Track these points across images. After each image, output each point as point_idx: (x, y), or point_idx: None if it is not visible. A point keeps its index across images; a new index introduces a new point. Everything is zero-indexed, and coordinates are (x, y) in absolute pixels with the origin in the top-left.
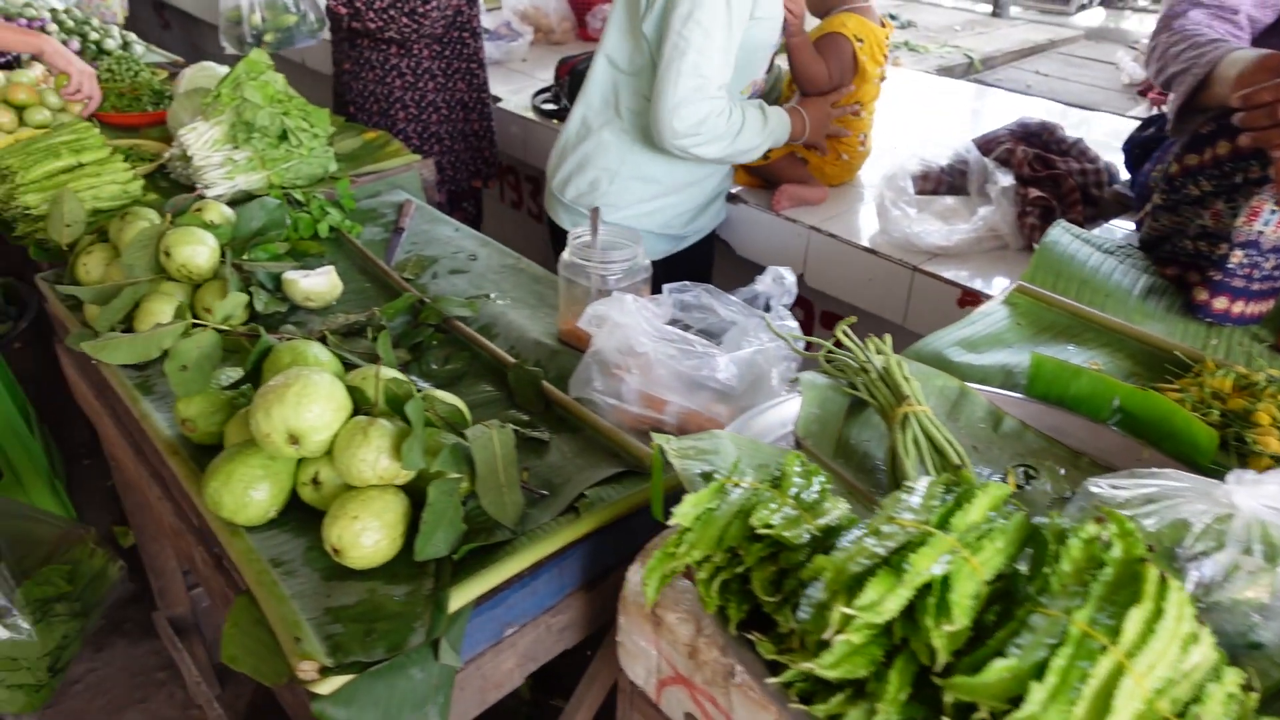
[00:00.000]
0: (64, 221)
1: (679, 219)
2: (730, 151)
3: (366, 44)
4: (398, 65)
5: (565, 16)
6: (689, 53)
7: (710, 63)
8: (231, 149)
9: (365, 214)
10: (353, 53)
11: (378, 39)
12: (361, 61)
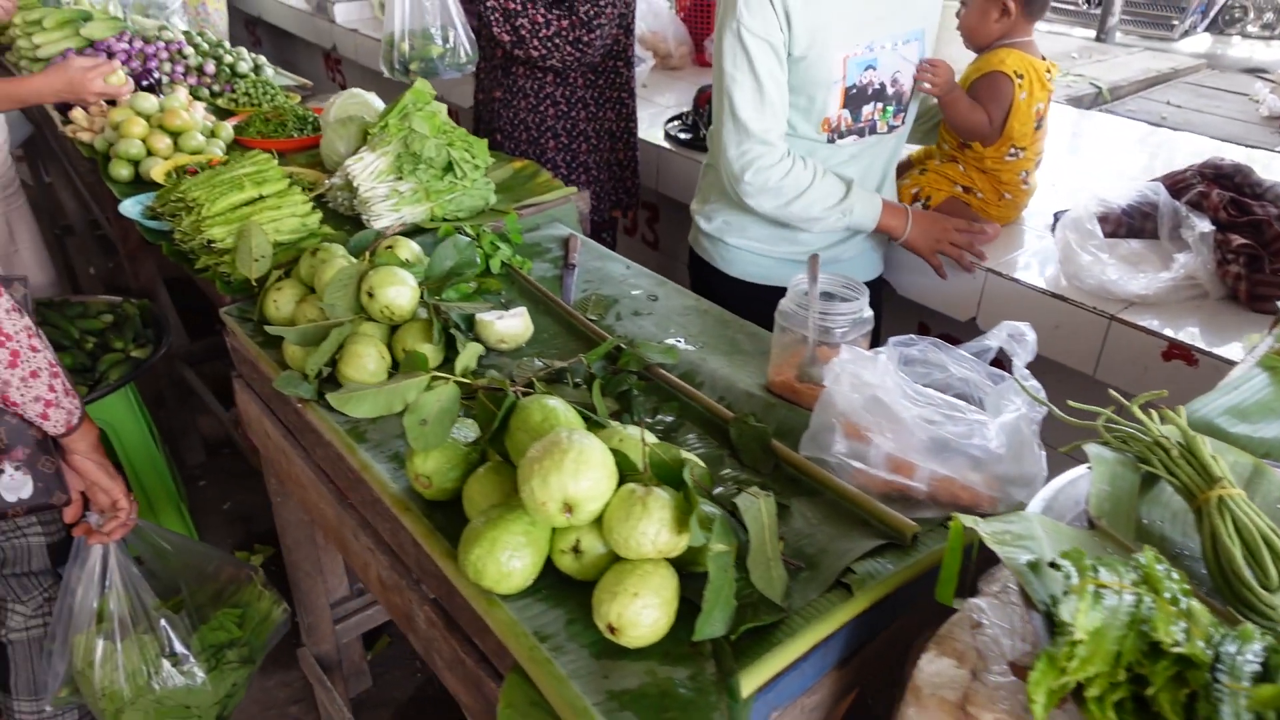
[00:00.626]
0: (252, 256)
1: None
2: (787, 212)
3: (522, 71)
4: (552, 94)
5: (683, 42)
6: (726, 96)
7: (746, 106)
8: (395, 180)
9: (531, 249)
10: (505, 80)
11: (535, 67)
12: (515, 89)
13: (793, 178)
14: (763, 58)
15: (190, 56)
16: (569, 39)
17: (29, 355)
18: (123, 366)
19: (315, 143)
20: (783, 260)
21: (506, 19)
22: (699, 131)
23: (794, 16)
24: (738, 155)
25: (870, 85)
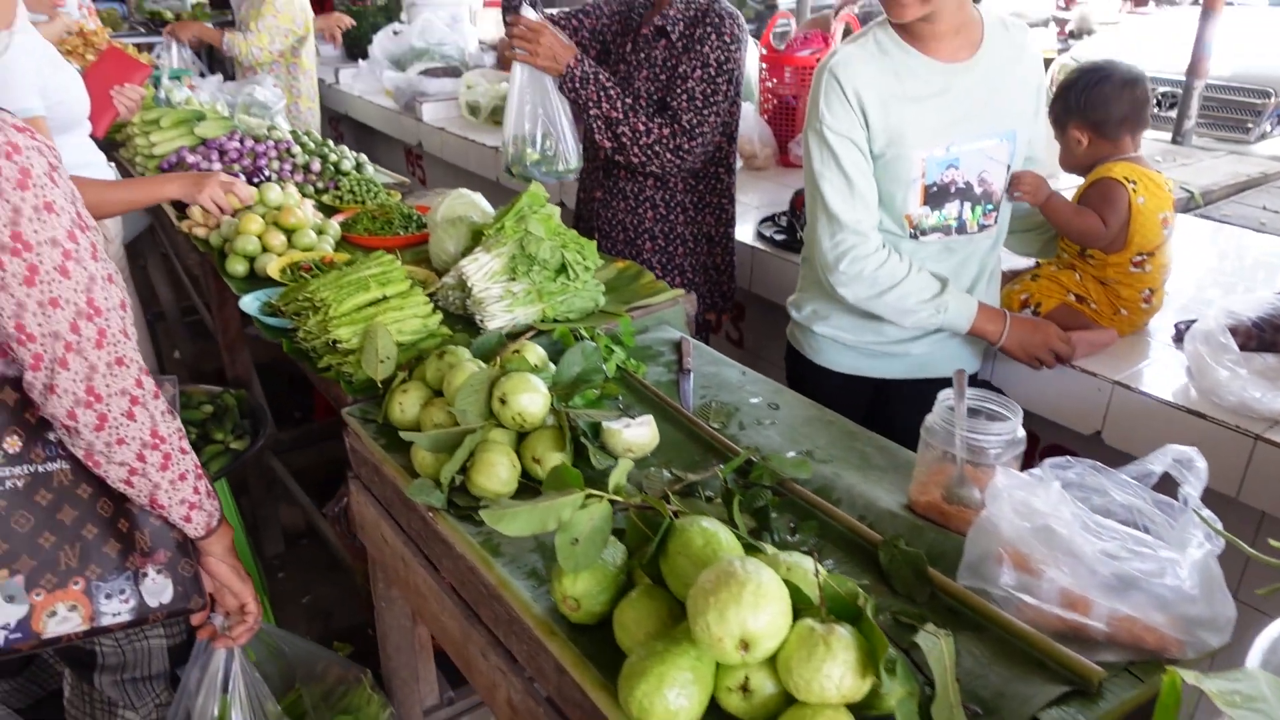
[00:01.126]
0: (378, 357)
1: (895, 344)
2: (881, 303)
3: (623, 174)
4: (651, 197)
5: (767, 143)
6: (817, 192)
7: (837, 199)
8: (509, 281)
9: (642, 352)
10: (606, 181)
11: (636, 171)
12: (615, 191)
13: (887, 269)
14: (847, 154)
15: (298, 155)
16: (669, 146)
17: (179, 458)
18: (222, 459)
19: (421, 240)
20: (868, 351)
21: (609, 126)
22: (795, 233)
23: (871, 116)
24: (832, 246)
25: (953, 184)
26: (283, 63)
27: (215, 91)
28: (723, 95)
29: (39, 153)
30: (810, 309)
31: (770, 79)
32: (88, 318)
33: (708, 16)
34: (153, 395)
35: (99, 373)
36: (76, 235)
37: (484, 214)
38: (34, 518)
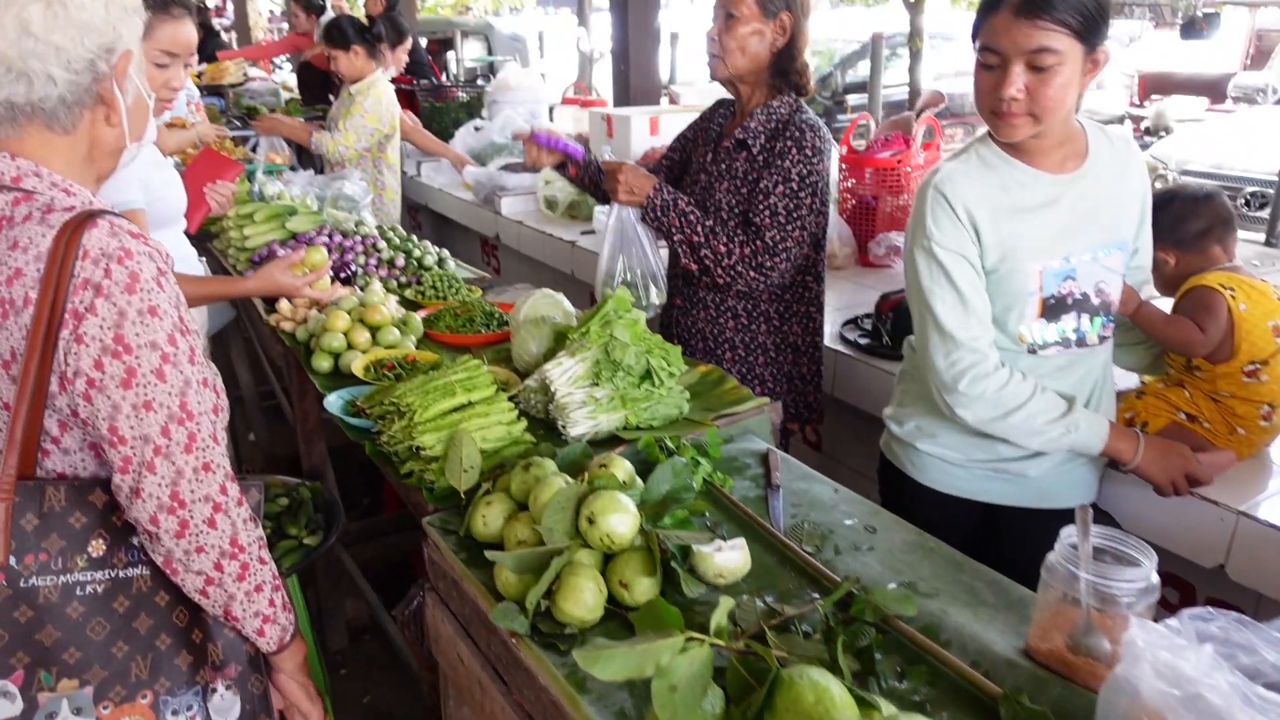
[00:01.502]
0: (462, 466)
1: (1009, 464)
2: (1006, 425)
3: (703, 283)
4: (733, 307)
5: (847, 242)
6: (927, 310)
7: (951, 318)
8: (592, 386)
9: (728, 464)
10: (686, 289)
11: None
12: (695, 299)
13: (1011, 389)
14: (960, 270)
15: (383, 250)
16: (753, 264)
17: (257, 568)
18: (295, 555)
19: (502, 338)
20: (978, 472)
21: (692, 250)
22: (880, 337)
23: (983, 231)
24: (948, 366)
25: (1070, 295)
26: (369, 158)
27: (306, 185)
28: (806, 209)
29: (149, 258)
30: (913, 424)
31: (849, 179)
32: (179, 422)
33: (789, 129)
34: (235, 502)
35: (185, 478)
36: (177, 339)
37: (566, 314)
38: (110, 625)
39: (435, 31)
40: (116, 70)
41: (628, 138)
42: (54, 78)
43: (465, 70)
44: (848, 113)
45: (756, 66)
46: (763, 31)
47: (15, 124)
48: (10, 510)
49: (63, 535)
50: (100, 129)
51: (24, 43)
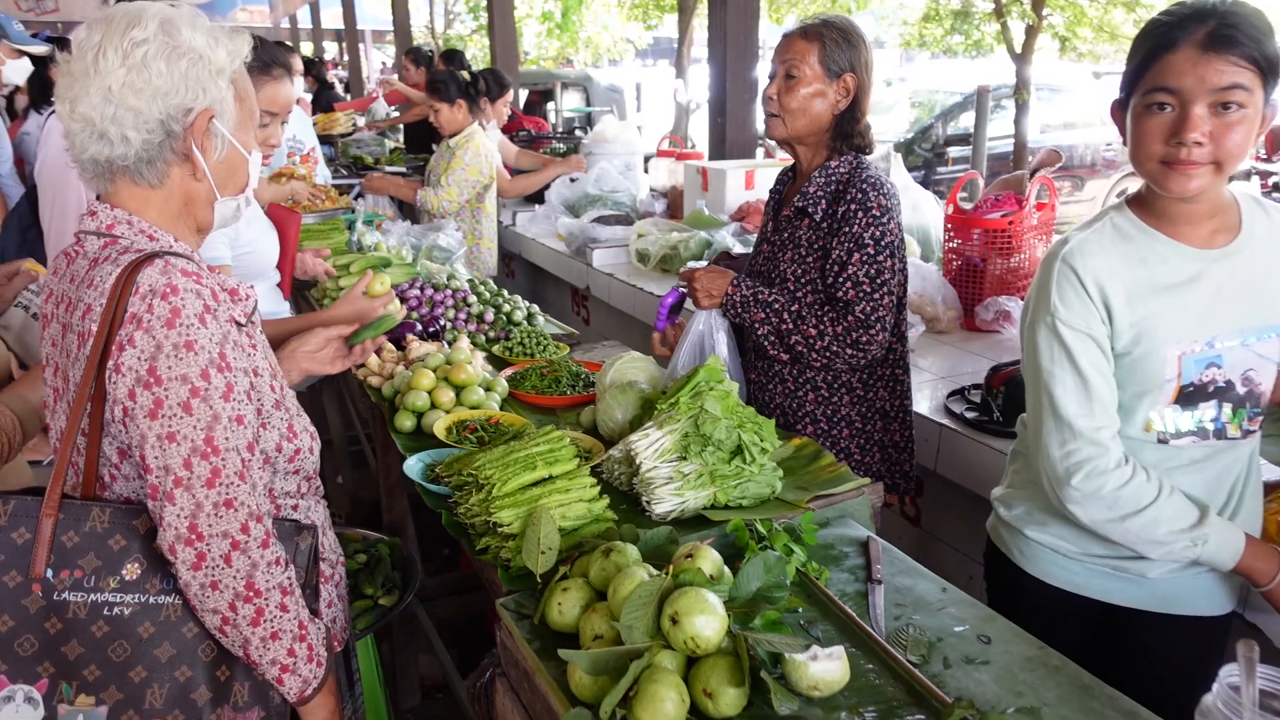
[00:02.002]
0: (539, 547)
1: (1131, 563)
2: (1122, 529)
3: (784, 357)
4: (813, 379)
5: (951, 305)
6: (1045, 392)
7: (1070, 404)
8: (679, 460)
9: (823, 551)
10: (759, 363)
11: None
12: (771, 374)
13: (1132, 489)
14: (1084, 352)
15: (473, 304)
16: (847, 342)
17: (276, 615)
18: (369, 616)
19: (587, 400)
20: (1096, 568)
21: (780, 340)
22: (990, 412)
23: (1115, 310)
24: (1062, 456)
25: (1213, 383)
26: (468, 209)
27: (403, 236)
28: (889, 272)
29: (195, 294)
30: (1023, 509)
31: (955, 239)
32: (203, 456)
33: (850, 191)
34: (259, 543)
35: (204, 511)
36: (211, 374)
37: (652, 378)
38: (130, 649)
39: (536, 83)
40: (194, 129)
41: (723, 191)
42: (128, 138)
43: (564, 121)
44: (948, 165)
45: (817, 128)
46: (825, 93)
47: (108, 179)
48: (54, 526)
49: (100, 555)
50: (189, 183)
51: (105, 108)
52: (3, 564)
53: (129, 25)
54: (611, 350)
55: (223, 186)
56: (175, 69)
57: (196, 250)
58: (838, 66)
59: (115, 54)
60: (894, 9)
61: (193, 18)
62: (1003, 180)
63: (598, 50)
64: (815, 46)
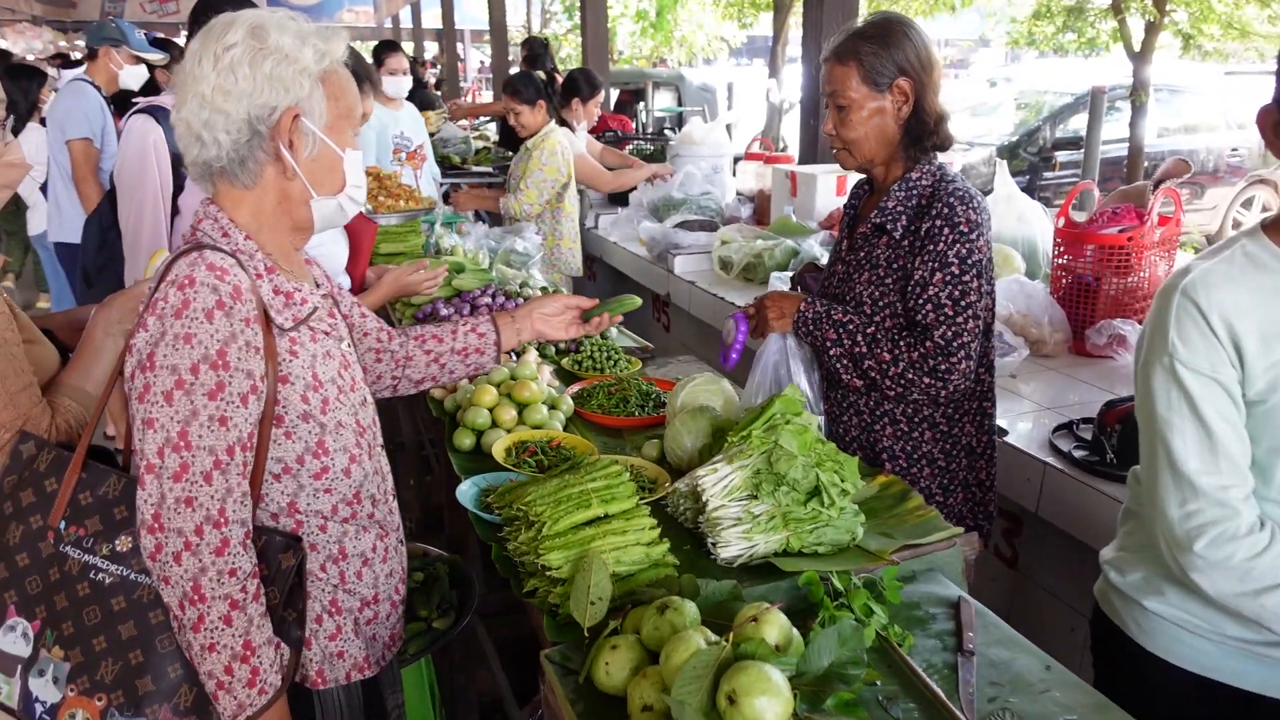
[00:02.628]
0: (588, 596)
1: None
2: (1256, 605)
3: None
4: (890, 412)
5: (1059, 327)
6: (1160, 443)
7: (1191, 458)
8: (749, 499)
9: (907, 612)
10: (833, 393)
11: None
12: (845, 404)
13: (1270, 559)
14: (1209, 399)
15: None
16: (925, 370)
17: (217, 626)
18: (422, 640)
19: (656, 423)
20: (1231, 648)
21: (854, 364)
22: (1103, 453)
23: (1248, 352)
24: (1182, 517)
25: None
26: (547, 209)
27: (481, 239)
28: (975, 294)
29: (211, 289)
30: (1139, 575)
31: (1065, 255)
32: (175, 449)
33: (934, 206)
34: (212, 549)
35: (166, 504)
36: (200, 369)
37: (727, 402)
38: (100, 617)
39: (627, 82)
40: (280, 128)
41: (812, 197)
42: (219, 140)
43: (654, 121)
44: (1055, 170)
45: (889, 146)
46: (882, 108)
47: (209, 179)
48: (75, 483)
49: (103, 521)
50: (282, 183)
51: (200, 112)
52: (33, 506)
53: (223, 32)
54: (687, 367)
55: (318, 185)
56: (259, 70)
57: (298, 249)
58: (885, 76)
59: (209, 60)
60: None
61: (284, 21)
62: (1122, 191)
63: (692, 49)
64: (852, 67)
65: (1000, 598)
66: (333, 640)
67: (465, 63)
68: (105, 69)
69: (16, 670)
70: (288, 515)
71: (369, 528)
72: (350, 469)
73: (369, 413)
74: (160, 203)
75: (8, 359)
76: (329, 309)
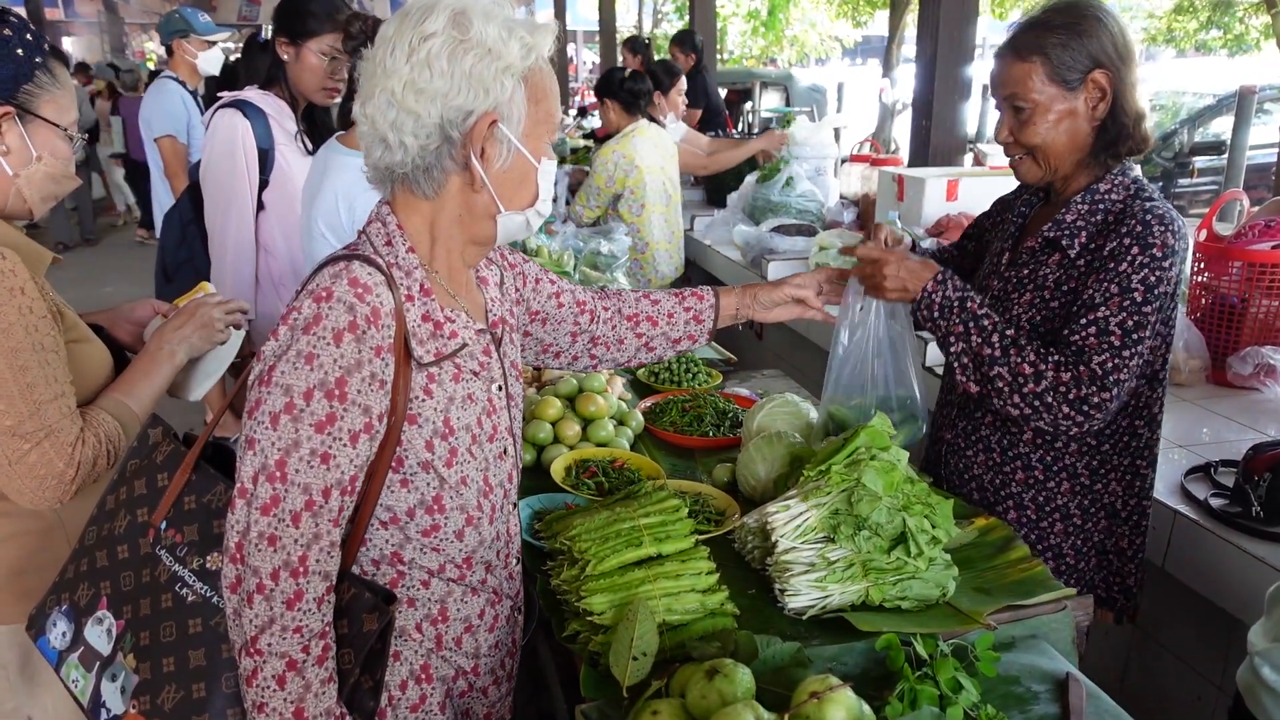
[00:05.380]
0: (630, 650)
1: None
2: None
3: (988, 420)
4: (1026, 455)
5: (1196, 353)
6: None
7: None
8: (826, 542)
9: (1003, 687)
10: (961, 421)
11: None
12: (972, 436)
13: None
14: None
15: None
16: (1068, 398)
17: (269, 685)
18: None
19: (731, 444)
20: None
21: (977, 366)
22: (1248, 505)
23: None
24: None
25: None
26: (627, 213)
27: (568, 239)
28: (1150, 328)
29: (348, 309)
30: None
31: (1206, 272)
32: (269, 478)
33: (1124, 224)
34: (284, 600)
35: (249, 537)
36: (314, 395)
37: (808, 426)
38: (175, 636)
39: (735, 82)
40: (474, 135)
41: (920, 201)
42: (405, 144)
43: (760, 121)
44: (1192, 176)
45: (1080, 151)
46: (1074, 109)
47: (387, 184)
48: (182, 485)
49: (200, 531)
50: (468, 194)
51: (388, 110)
52: (142, 498)
53: (421, 17)
54: (771, 382)
55: (507, 200)
56: (458, 67)
57: (471, 265)
58: (1077, 72)
59: (402, 51)
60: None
61: (490, 8)
62: (1275, 203)
63: (803, 49)
64: (1036, 63)
65: (1115, 656)
66: (414, 711)
67: (575, 64)
68: (183, 61)
69: (95, 666)
70: (390, 564)
71: (480, 591)
72: (464, 532)
73: (504, 468)
74: (249, 199)
75: (41, 366)
76: (485, 345)
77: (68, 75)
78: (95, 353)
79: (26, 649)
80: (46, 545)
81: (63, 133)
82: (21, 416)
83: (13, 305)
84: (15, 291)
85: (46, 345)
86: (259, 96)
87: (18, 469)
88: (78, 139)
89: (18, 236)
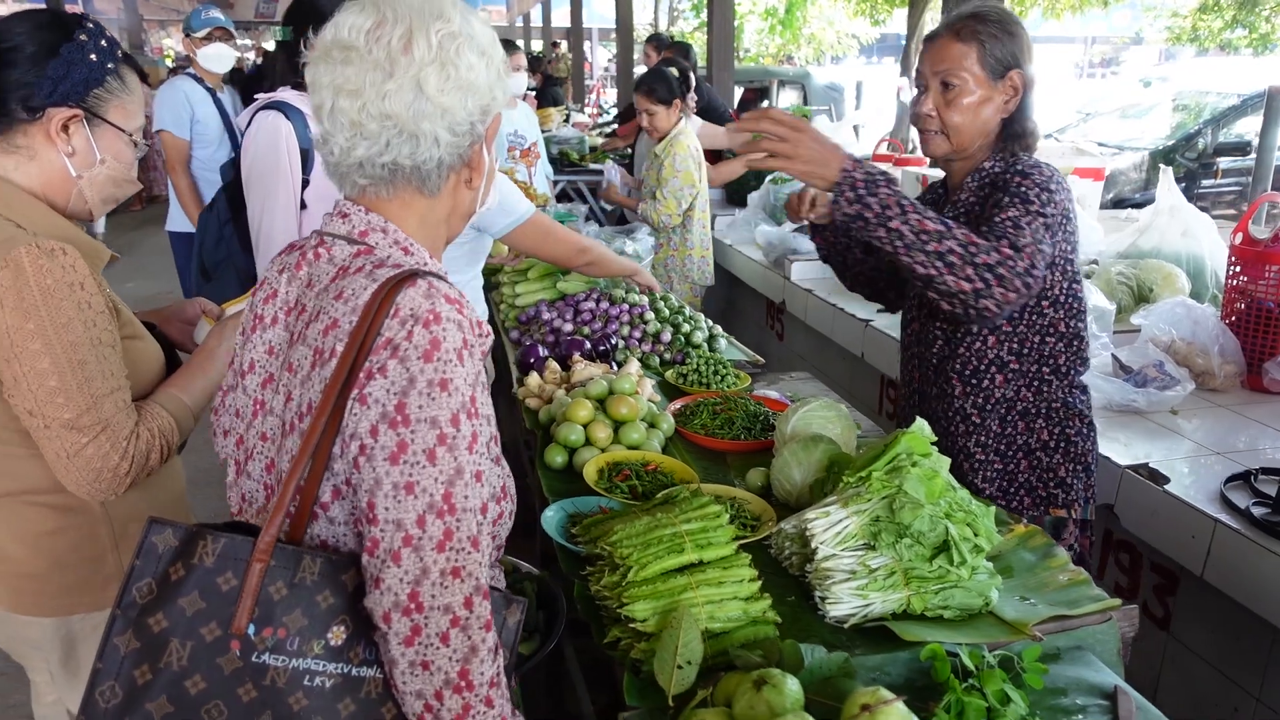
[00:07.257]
0: (675, 659)
1: None
2: None
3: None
4: (962, 408)
5: (1231, 358)
6: None
7: None
8: (866, 550)
9: (1050, 700)
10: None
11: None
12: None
13: None
14: None
15: (650, 322)
16: (1016, 270)
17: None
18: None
19: (764, 447)
20: None
21: (922, 244)
22: None
23: None
24: None
25: None
26: (701, 213)
27: (595, 236)
28: (1045, 231)
29: (459, 326)
30: None
31: (1242, 276)
32: (439, 514)
33: (1006, 175)
34: (480, 623)
35: (429, 579)
36: (461, 420)
37: (846, 430)
38: None
39: (752, 81)
40: (489, 132)
41: None
42: (439, 139)
43: None
44: (1217, 178)
45: (986, 138)
46: (991, 97)
47: (392, 185)
48: (263, 574)
49: (306, 613)
50: (461, 192)
51: (418, 104)
52: (203, 614)
53: (436, 14)
54: (800, 385)
55: (484, 197)
56: (481, 64)
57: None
58: (1001, 64)
59: (425, 44)
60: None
61: (465, 8)
62: None
63: (820, 47)
64: (973, 47)
65: (1149, 665)
66: None
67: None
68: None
69: None
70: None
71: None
72: (513, 511)
73: None
74: (293, 199)
75: (99, 360)
76: None
77: (137, 81)
78: (149, 349)
79: (69, 641)
80: (92, 538)
81: (127, 138)
82: (80, 410)
83: (72, 300)
84: (75, 286)
85: (104, 340)
86: (295, 96)
87: (75, 461)
88: (141, 144)
89: (78, 233)
